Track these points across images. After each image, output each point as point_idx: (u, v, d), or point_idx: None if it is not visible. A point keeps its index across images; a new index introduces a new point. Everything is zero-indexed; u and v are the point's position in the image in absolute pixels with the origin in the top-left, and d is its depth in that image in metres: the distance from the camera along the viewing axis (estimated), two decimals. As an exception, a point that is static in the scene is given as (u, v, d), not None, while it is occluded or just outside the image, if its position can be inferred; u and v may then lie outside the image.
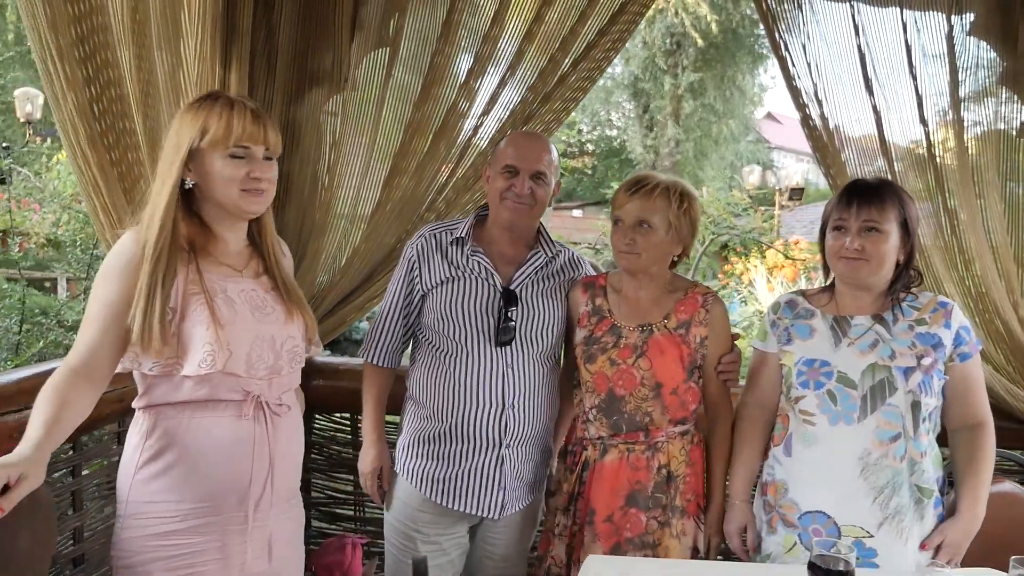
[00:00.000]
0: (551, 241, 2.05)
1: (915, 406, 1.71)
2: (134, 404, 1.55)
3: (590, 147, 22.74)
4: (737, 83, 18.80)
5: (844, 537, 1.70)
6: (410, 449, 1.96)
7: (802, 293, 1.92)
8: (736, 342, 2.00)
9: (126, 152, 1.91)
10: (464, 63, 2.65)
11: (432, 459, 1.93)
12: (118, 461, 1.73)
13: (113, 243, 1.55)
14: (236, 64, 2.37)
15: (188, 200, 1.53)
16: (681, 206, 1.88)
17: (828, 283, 1.90)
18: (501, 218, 1.94)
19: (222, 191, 1.50)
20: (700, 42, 16.10)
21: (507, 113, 2.64)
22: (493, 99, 2.64)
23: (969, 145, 2.54)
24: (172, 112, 2.17)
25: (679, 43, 17.60)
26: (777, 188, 10.97)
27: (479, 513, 1.94)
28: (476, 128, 2.66)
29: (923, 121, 2.53)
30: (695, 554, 1.90)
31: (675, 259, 1.96)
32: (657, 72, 18.19)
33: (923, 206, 2.57)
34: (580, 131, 21.71)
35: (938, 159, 2.52)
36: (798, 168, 16.10)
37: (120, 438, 2.14)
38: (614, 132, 22.99)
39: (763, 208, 9.71)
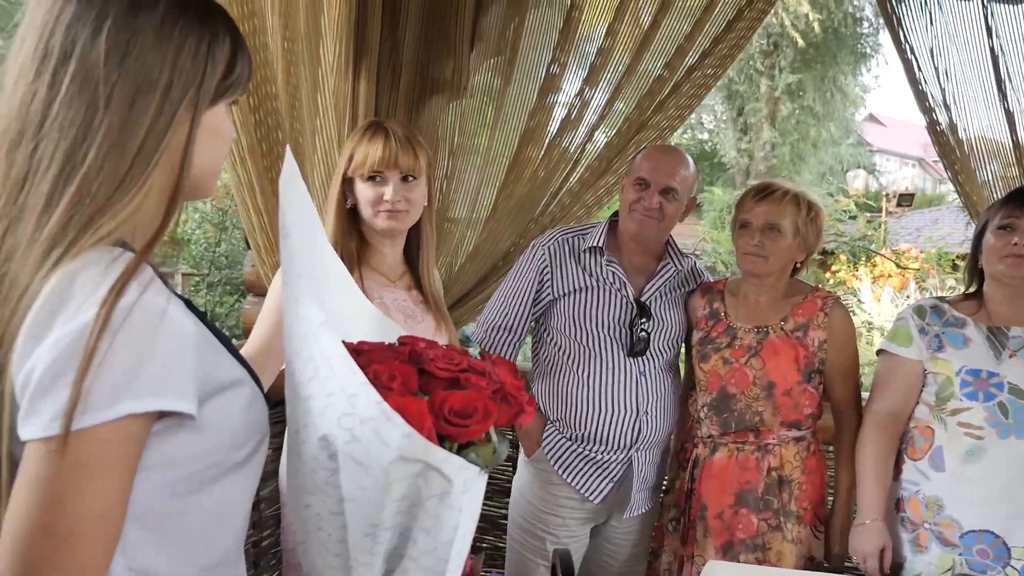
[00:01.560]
0: (680, 253, 2.08)
1: None
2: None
3: (680, 151, 22.37)
4: (838, 84, 18.12)
5: (1015, 560, 1.63)
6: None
7: (944, 300, 1.88)
8: None
9: (277, 160, 2.05)
10: (579, 72, 2.70)
11: (565, 439, 1.97)
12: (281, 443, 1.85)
13: (265, 246, 1.68)
14: (365, 76, 2.50)
15: (354, 216, 1.70)
16: (809, 213, 1.90)
17: (971, 292, 1.86)
18: (628, 229, 1.98)
19: (364, 211, 1.68)
20: (800, 42, 15.61)
21: (621, 121, 2.68)
22: (607, 107, 2.67)
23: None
24: (312, 120, 2.32)
25: (776, 43, 17.12)
26: (884, 193, 10.51)
27: (603, 502, 1.96)
28: (590, 135, 2.70)
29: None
30: (809, 564, 1.89)
31: (797, 265, 1.97)
32: (753, 74, 17.74)
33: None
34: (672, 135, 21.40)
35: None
36: (904, 173, 15.38)
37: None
38: (705, 136, 22.55)
39: (867, 215, 9.34)
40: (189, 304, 0.85)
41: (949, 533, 1.70)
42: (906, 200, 11.09)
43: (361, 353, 0.89)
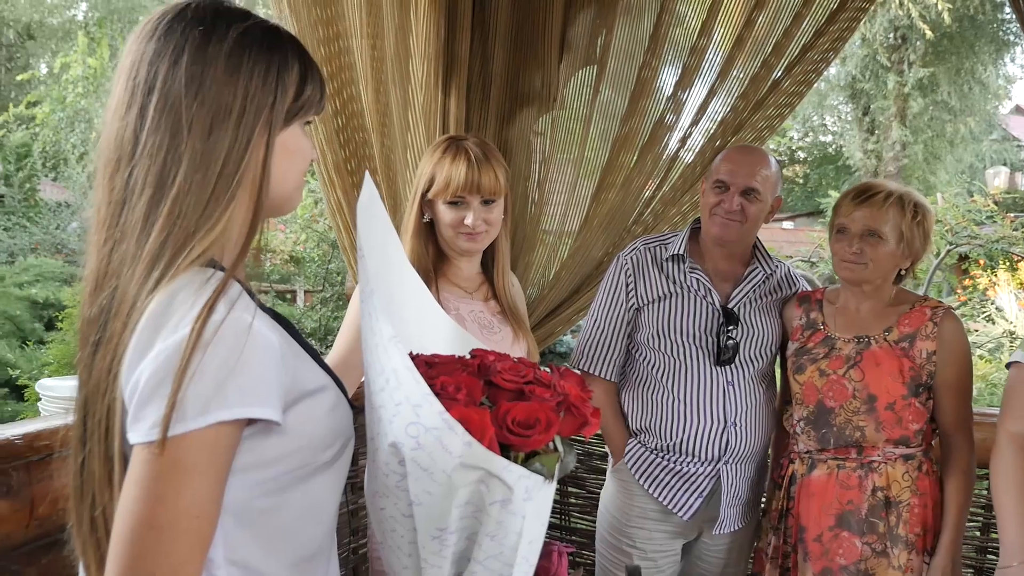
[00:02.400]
0: (768, 257, 1.99)
1: None
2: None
3: (801, 155, 21.46)
4: (977, 76, 16.81)
5: None
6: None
7: None
8: (981, 366, 1.79)
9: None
10: (671, 75, 2.64)
11: (651, 453, 1.92)
12: (362, 453, 1.92)
13: (355, 260, 1.74)
14: (455, 91, 2.55)
15: (432, 229, 1.73)
16: (915, 217, 1.75)
17: None
18: (710, 233, 1.91)
19: (444, 231, 1.70)
20: (929, 34, 14.63)
21: (716, 124, 2.60)
22: (701, 110, 2.60)
23: None
24: (403, 137, 2.39)
25: (904, 37, 16.12)
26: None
27: (691, 518, 1.90)
28: (683, 140, 2.64)
29: None
30: None
31: (902, 272, 1.83)
32: (879, 70, 16.77)
33: None
34: (791, 138, 20.56)
35: None
36: (1057, 168, 14.05)
37: (359, 431, 2.35)
38: (829, 138, 21.52)
39: (1013, 215, 8.56)
40: (276, 315, 0.91)
41: None
42: (1058, 198, 10.08)
43: (433, 366, 0.94)
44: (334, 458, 0.92)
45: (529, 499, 0.85)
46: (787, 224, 18.66)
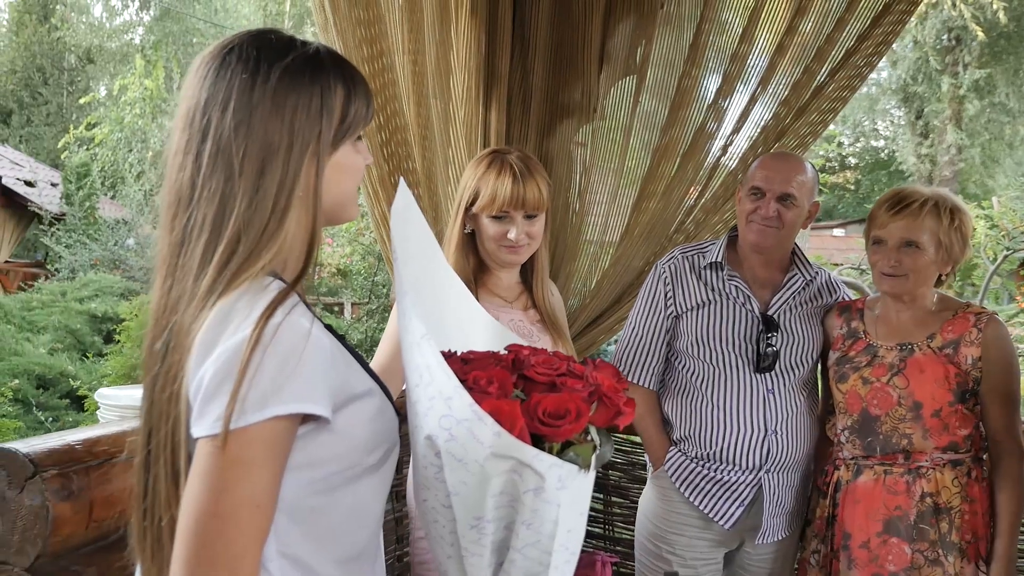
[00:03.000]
0: (808, 263, 1.97)
1: None
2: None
3: (852, 160, 21.00)
4: (1036, 75, 16.27)
5: None
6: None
7: None
8: None
9: (409, 188, 2.17)
10: (712, 83, 2.63)
11: (691, 461, 1.91)
12: (406, 461, 1.96)
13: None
14: (496, 105, 2.58)
15: (473, 239, 1.77)
16: (953, 222, 1.72)
17: None
18: (747, 240, 1.90)
19: (487, 244, 1.74)
20: (981, 35, 14.22)
21: (758, 130, 2.58)
22: (743, 117, 2.59)
23: None
24: (444, 150, 2.43)
25: (959, 38, 15.69)
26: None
27: (732, 527, 1.88)
28: (725, 148, 2.63)
29: None
30: None
31: (942, 277, 1.80)
32: (932, 73, 16.34)
33: None
34: (840, 144, 20.15)
35: None
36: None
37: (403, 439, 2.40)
38: (880, 143, 21.03)
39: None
40: (327, 327, 0.96)
41: None
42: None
43: (468, 362, 0.98)
44: (380, 462, 0.96)
45: (563, 488, 0.87)
46: (838, 231, 18.24)
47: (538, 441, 0.89)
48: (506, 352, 1.00)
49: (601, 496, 2.80)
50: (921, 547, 1.70)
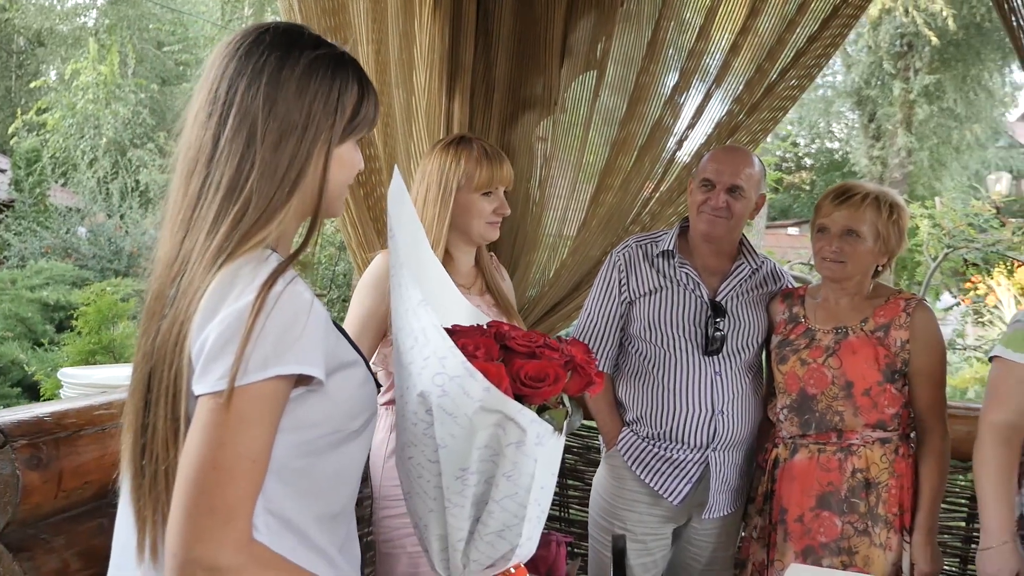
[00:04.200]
0: (754, 252, 2.07)
1: None
2: (379, 399, 1.81)
3: (808, 161, 21.46)
4: (983, 83, 16.82)
5: None
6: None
7: None
8: (980, 368, 1.85)
9: (370, 176, 2.21)
10: (669, 80, 2.72)
11: (643, 441, 2.00)
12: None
13: (361, 258, 1.83)
14: (459, 96, 2.64)
15: None
16: (891, 216, 1.85)
17: None
18: (698, 230, 2.00)
19: (474, 223, 1.79)
20: (935, 41, 14.67)
21: (712, 126, 2.67)
22: (698, 113, 2.68)
23: None
24: (406, 141, 2.47)
25: (911, 44, 16.16)
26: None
27: (681, 503, 1.97)
28: (680, 143, 2.71)
29: None
30: (901, 573, 1.80)
31: (879, 268, 1.92)
32: (885, 77, 16.81)
33: None
34: (796, 144, 20.59)
35: None
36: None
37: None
38: (835, 144, 21.51)
39: (1015, 220, 8.58)
40: None
41: None
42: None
43: (454, 333, 1.06)
44: (362, 427, 1.04)
45: (540, 444, 0.97)
46: (792, 230, 18.68)
47: (519, 402, 0.97)
48: (489, 327, 1.09)
49: (557, 479, 2.87)
50: (851, 519, 1.81)
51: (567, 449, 2.86)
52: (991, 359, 1.77)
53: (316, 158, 0.99)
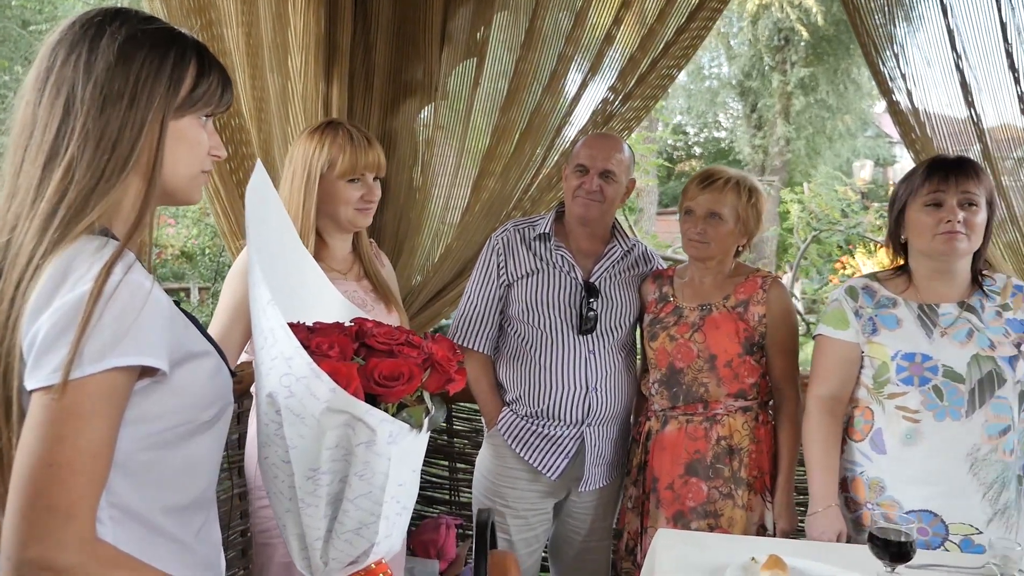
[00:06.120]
0: (625, 235, 2.16)
1: (1022, 396, 1.68)
2: (252, 389, 1.77)
3: (697, 150, 22.28)
4: (852, 76, 17.94)
5: (952, 535, 1.67)
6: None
7: (875, 278, 1.86)
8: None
9: (243, 162, 2.16)
10: (547, 68, 2.77)
11: (521, 419, 2.06)
12: (236, 439, 1.97)
13: (235, 246, 1.78)
14: (337, 81, 2.60)
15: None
16: (750, 199, 1.97)
17: (898, 267, 1.85)
18: (573, 214, 2.07)
19: (341, 210, 1.76)
20: (806, 36, 15.53)
21: (588, 113, 2.75)
22: (575, 101, 2.75)
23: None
24: (283, 126, 2.42)
25: (787, 38, 17.02)
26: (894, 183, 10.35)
27: (558, 478, 2.04)
28: (559, 129, 2.78)
29: (1022, 103, 2.44)
30: (762, 531, 1.93)
31: (740, 248, 2.04)
32: (764, 70, 17.65)
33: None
34: (686, 134, 21.32)
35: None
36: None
37: (239, 418, 2.38)
38: (722, 134, 22.41)
39: (878, 204, 9.23)
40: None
41: (891, 513, 1.69)
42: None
43: (314, 330, 1.05)
44: (214, 419, 1.01)
45: (394, 443, 0.97)
46: (683, 216, 19.23)
47: (375, 402, 0.97)
48: (351, 324, 1.08)
49: (446, 463, 2.91)
50: (716, 484, 1.93)
51: (456, 433, 2.90)
52: (814, 337, 1.88)
53: (149, 129, 0.95)
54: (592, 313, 2.01)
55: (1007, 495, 1.66)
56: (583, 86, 2.74)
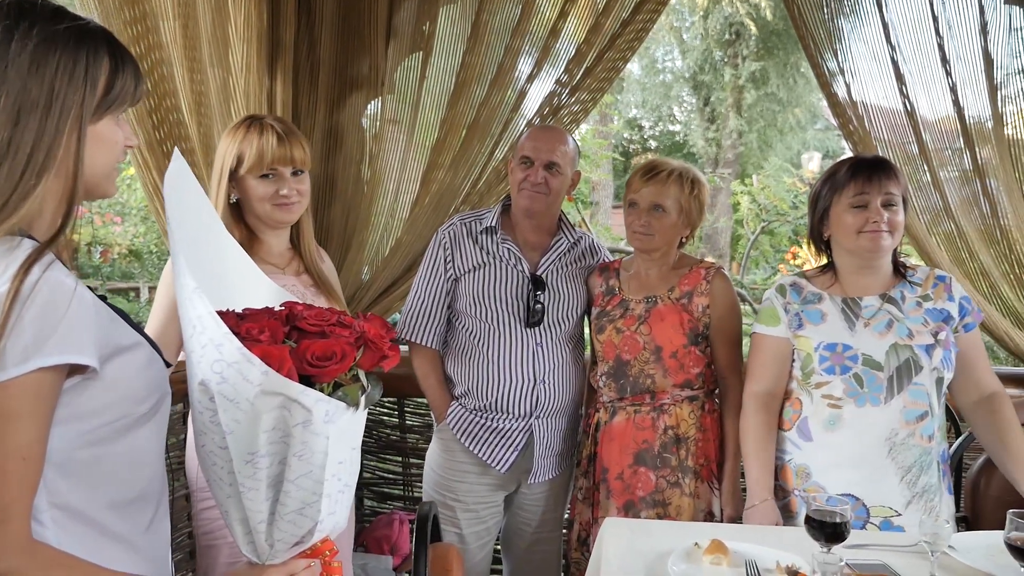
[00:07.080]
0: (572, 228, 2.17)
1: (939, 383, 1.74)
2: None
3: (653, 144, 22.50)
4: (801, 70, 18.28)
5: (873, 517, 1.72)
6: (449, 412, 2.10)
7: (803, 275, 1.93)
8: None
9: (182, 155, 2.11)
10: (494, 61, 2.77)
11: (470, 413, 2.06)
12: (184, 439, 1.93)
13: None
14: (281, 75, 2.56)
15: (238, 209, 1.77)
16: (692, 191, 1.98)
17: (824, 264, 1.91)
18: (519, 206, 2.07)
19: (257, 207, 1.75)
20: (755, 30, 15.80)
21: (536, 106, 2.76)
22: (522, 94, 2.75)
23: (1007, 121, 2.51)
24: (224, 120, 2.37)
25: (738, 33, 17.28)
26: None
27: (508, 471, 2.04)
28: (507, 122, 2.78)
29: (955, 98, 2.52)
30: (710, 518, 1.97)
31: (683, 240, 2.06)
32: (717, 64, 17.90)
33: (963, 188, 2.57)
34: (642, 127, 21.51)
35: (973, 137, 2.51)
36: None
37: (185, 418, 2.34)
38: (677, 127, 22.66)
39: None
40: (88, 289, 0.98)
41: (817, 498, 1.73)
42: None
43: (244, 316, 1.04)
44: (152, 410, 1.00)
45: (331, 422, 0.97)
46: (638, 209, 19.41)
47: (310, 383, 0.97)
48: (281, 308, 1.07)
49: (400, 459, 2.91)
50: (664, 473, 1.96)
51: (409, 429, 2.89)
52: (751, 336, 1.93)
53: (68, 137, 0.93)
54: (539, 306, 2.02)
55: (926, 479, 1.71)
56: (530, 79, 2.75)
